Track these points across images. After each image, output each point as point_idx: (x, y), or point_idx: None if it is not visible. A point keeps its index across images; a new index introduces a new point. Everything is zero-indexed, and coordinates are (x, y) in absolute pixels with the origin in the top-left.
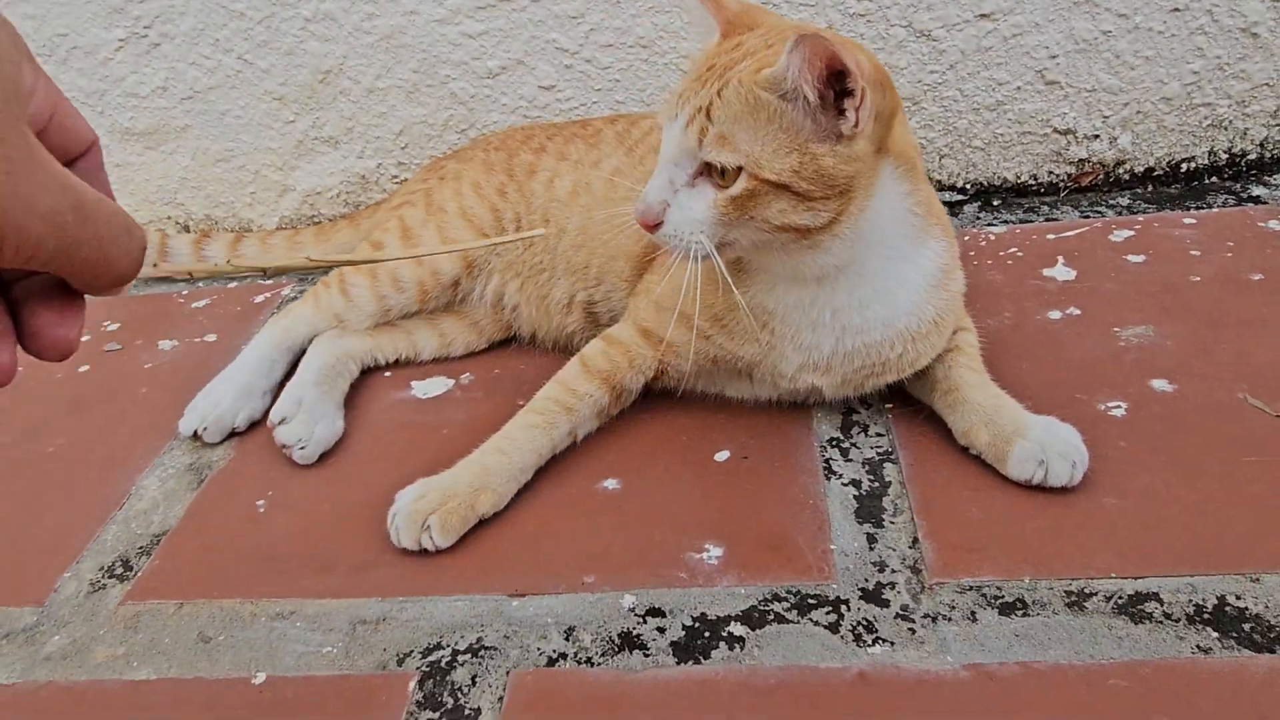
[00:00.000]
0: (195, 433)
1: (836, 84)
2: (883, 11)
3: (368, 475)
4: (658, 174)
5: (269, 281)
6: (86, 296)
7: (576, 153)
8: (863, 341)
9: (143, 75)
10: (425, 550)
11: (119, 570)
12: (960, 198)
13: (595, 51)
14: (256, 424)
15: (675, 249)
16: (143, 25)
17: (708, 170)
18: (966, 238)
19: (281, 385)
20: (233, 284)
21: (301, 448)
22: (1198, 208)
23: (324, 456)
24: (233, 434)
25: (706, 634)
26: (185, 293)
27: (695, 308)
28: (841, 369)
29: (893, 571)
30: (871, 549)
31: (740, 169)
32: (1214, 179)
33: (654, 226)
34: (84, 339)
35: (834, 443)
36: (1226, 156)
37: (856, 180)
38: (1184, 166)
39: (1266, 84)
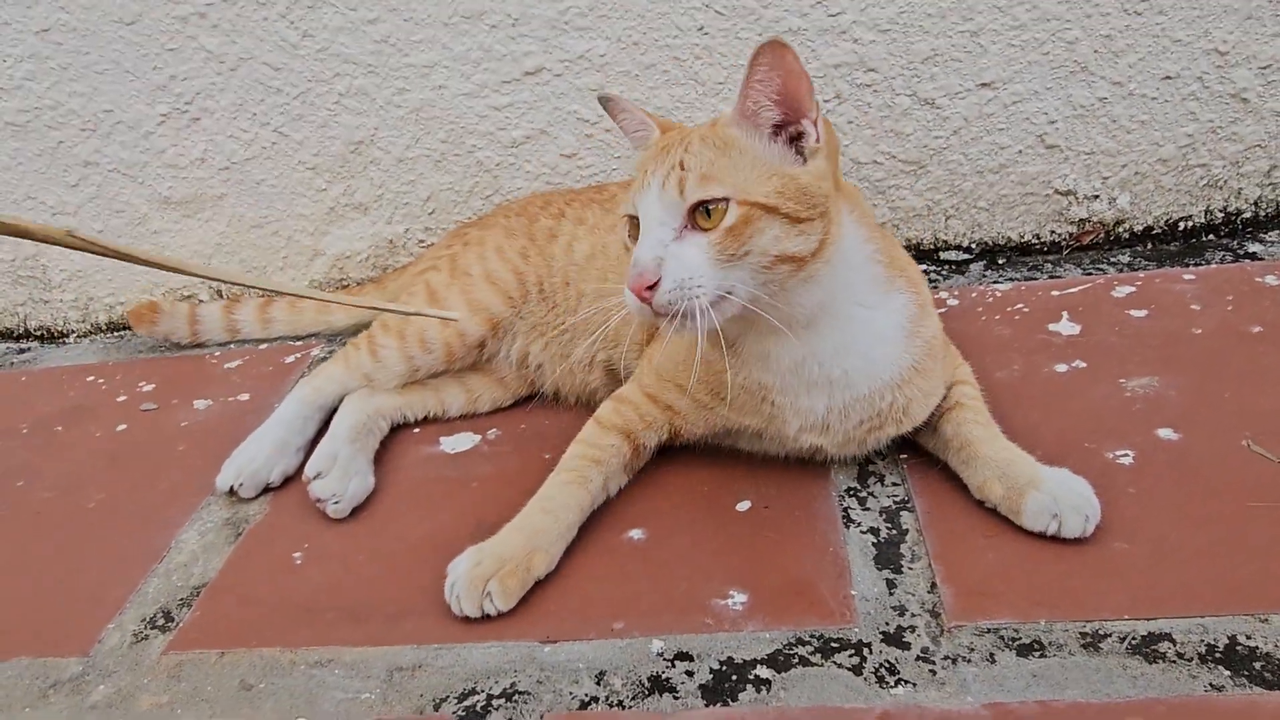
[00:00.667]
0: (231, 488)
1: (789, 111)
2: (888, 82)
3: (400, 528)
4: (644, 238)
5: (298, 343)
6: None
7: (593, 217)
8: (852, 396)
9: (183, 148)
10: (488, 615)
11: (161, 621)
12: (966, 257)
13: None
14: (290, 479)
15: (675, 308)
16: (184, 101)
17: (692, 221)
18: (973, 294)
19: (314, 442)
20: (264, 345)
21: (335, 502)
22: (1196, 264)
23: (357, 510)
24: (267, 489)
25: (734, 677)
26: (218, 354)
27: (691, 380)
28: (840, 427)
29: (913, 615)
30: (891, 594)
31: (727, 200)
32: (1211, 236)
33: (651, 288)
34: (120, 399)
35: (852, 492)
36: (1222, 215)
37: (829, 201)
38: (1182, 225)
39: (1258, 145)
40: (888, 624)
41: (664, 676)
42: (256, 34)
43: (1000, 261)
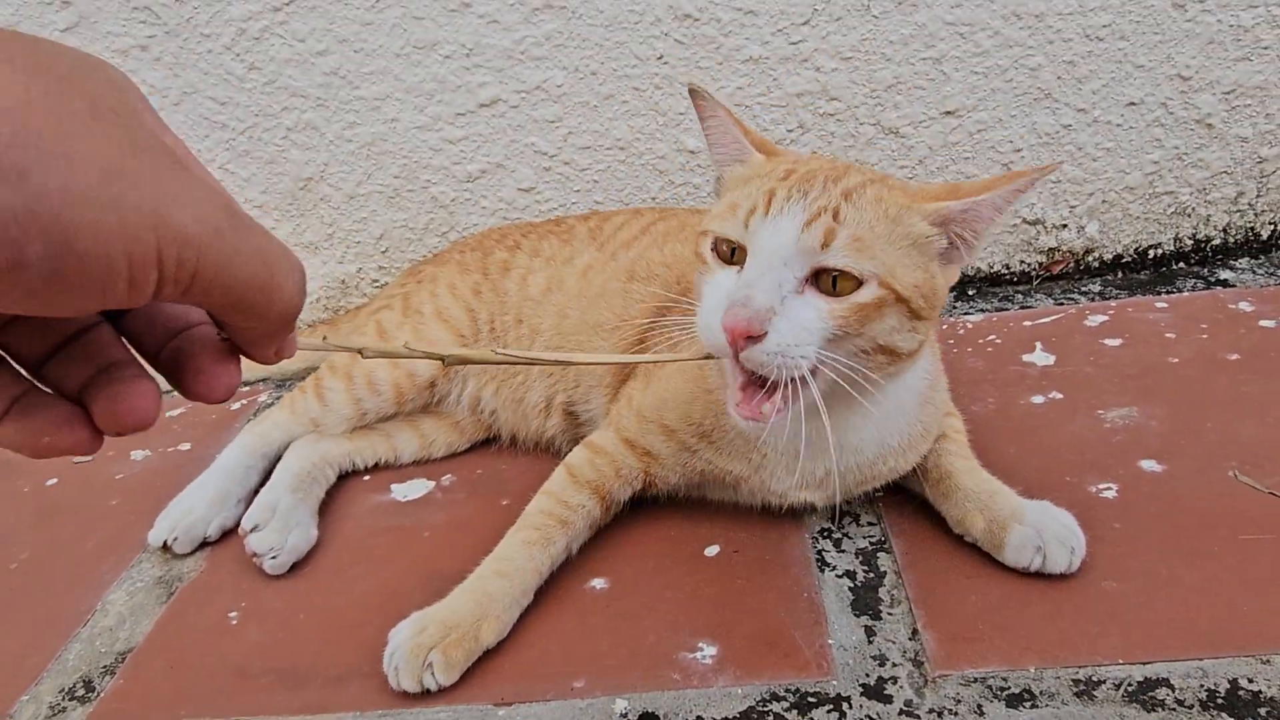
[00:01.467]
0: (165, 543)
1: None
2: (851, 111)
3: (344, 583)
4: (760, 276)
5: (245, 389)
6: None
7: (550, 249)
8: (856, 461)
9: None
10: (428, 691)
11: (80, 691)
12: None
13: (573, 154)
14: (230, 533)
15: (768, 371)
16: None
17: (814, 279)
18: (944, 326)
19: (257, 492)
20: None
21: (273, 557)
22: (1168, 292)
23: (299, 565)
24: (204, 544)
25: None
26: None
27: (677, 422)
28: (833, 485)
29: (894, 665)
30: (870, 642)
31: (869, 278)
32: (1181, 264)
33: (751, 338)
34: None
35: (825, 534)
36: (1192, 242)
37: (941, 304)
38: (1151, 253)
39: (1225, 171)
40: (868, 675)
41: None
42: (201, 67)
43: (970, 293)
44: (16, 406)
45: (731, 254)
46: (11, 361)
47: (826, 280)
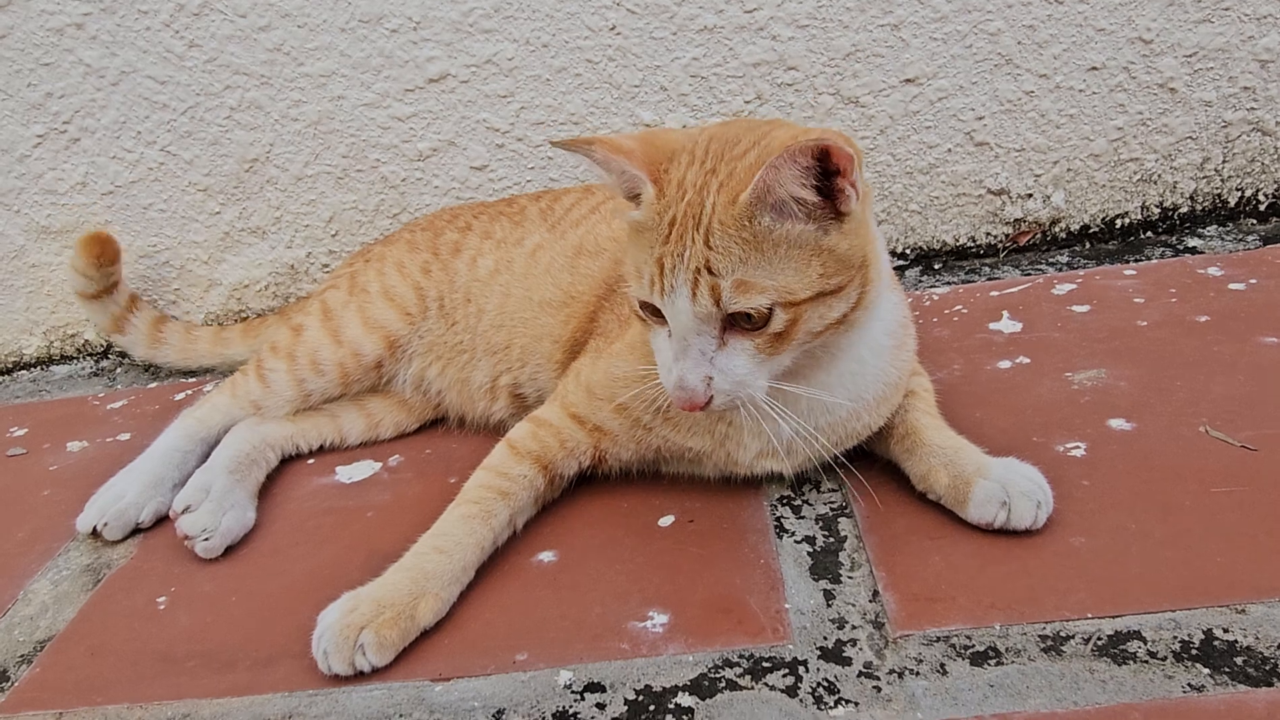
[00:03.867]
0: (95, 529)
1: (822, 173)
2: (809, 80)
3: (281, 564)
4: (684, 353)
5: (192, 380)
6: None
7: (501, 231)
8: (828, 420)
9: (61, 171)
10: (361, 673)
11: None
12: (901, 263)
13: (527, 130)
14: (165, 519)
15: (728, 408)
16: (62, 120)
17: (731, 323)
18: (909, 300)
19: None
20: (153, 384)
21: (205, 539)
22: (1136, 260)
23: (236, 548)
24: (137, 530)
25: (651, 707)
26: (101, 395)
27: (631, 400)
28: (804, 450)
29: (853, 628)
30: (829, 606)
31: (769, 308)
32: (1149, 234)
33: (703, 407)
34: None
35: (784, 500)
36: (1159, 211)
37: (866, 247)
38: (1119, 222)
39: (1189, 137)
40: (826, 638)
41: (571, 711)
42: (139, 45)
43: (936, 266)
44: None
45: (659, 312)
46: None
47: (742, 318)
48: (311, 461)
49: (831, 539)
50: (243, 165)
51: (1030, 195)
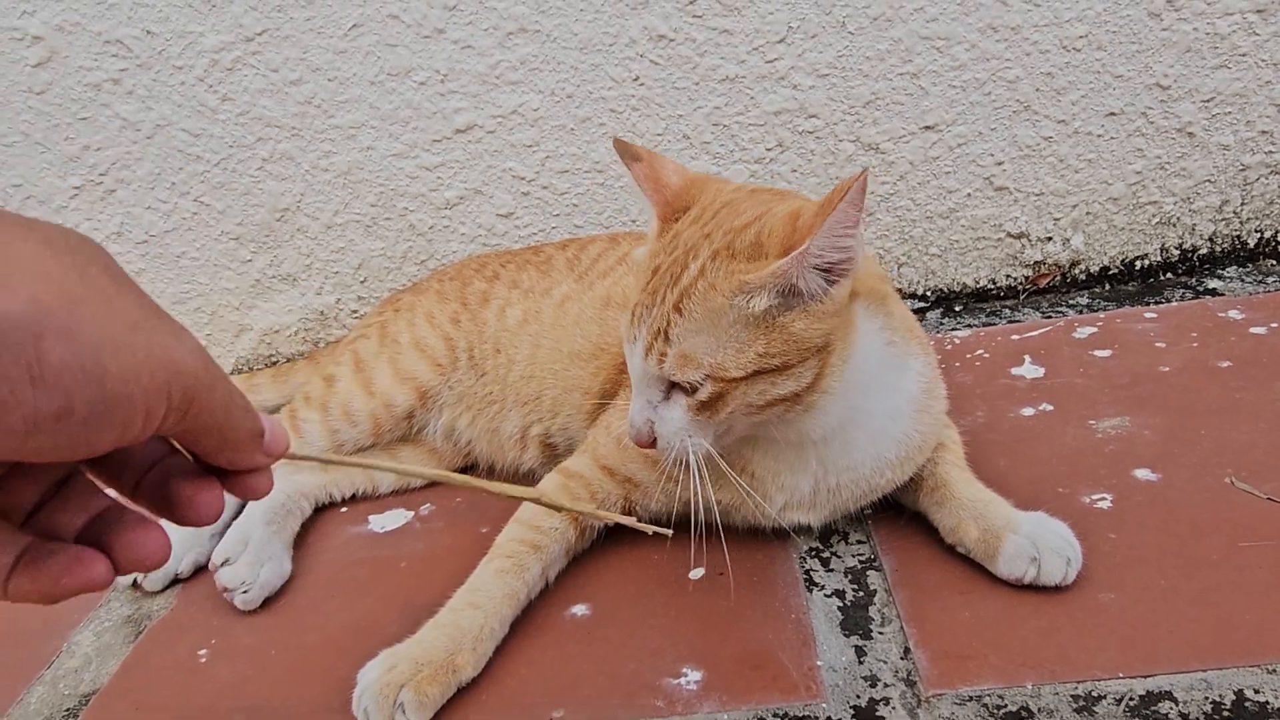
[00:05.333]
0: (135, 580)
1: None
2: (830, 128)
3: (319, 617)
4: (635, 397)
5: None
6: None
7: (529, 280)
8: (851, 478)
9: (97, 221)
10: None
11: None
12: (922, 305)
13: (552, 178)
14: (202, 569)
15: (675, 456)
16: (98, 172)
17: (675, 383)
18: (931, 342)
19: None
20: None
21: (244, 592)
22: (1157, 303)
23: (273, 599)
24: (176, 580)
25: None
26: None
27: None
28: (829, 503)
29: (885, 686)
30: (861, 662)
31: (700, 381)
32: (1169, 275)
33: (650, 444)
34: None
35: (813, 553)
36: (1178, 252)
37: (833, 334)
38: (1138, 264)
39: (1208, 180)
40: (859, 696)
41: None
42: (174, 99)
43: (957, 308)
44: (25, 559)
45: None
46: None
47: (684, 383)
48: (345, 510)
49: (861, 593)
50: (274, 214)
51: (1050, 238)
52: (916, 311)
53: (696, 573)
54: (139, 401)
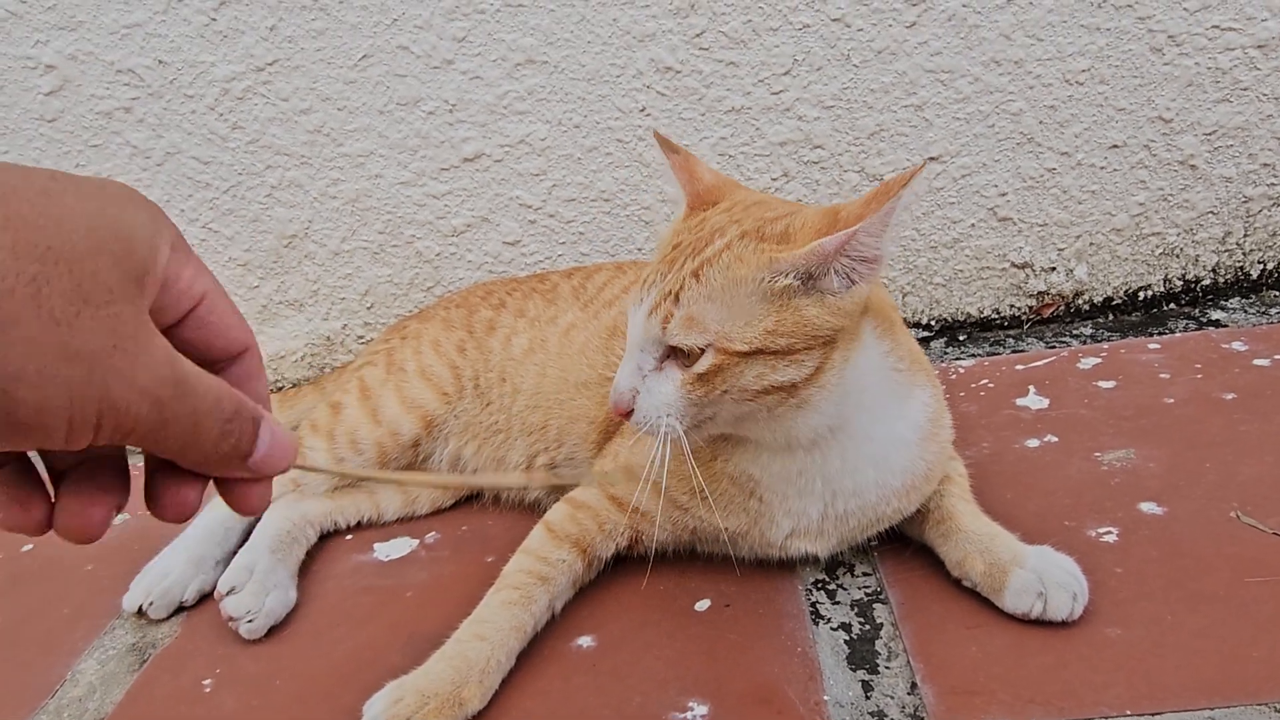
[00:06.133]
0: (140, 609)
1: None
2: (835, 158)
3: (323, 646)
4: (625, 361)
5: None
6: None
7: (534, 309)
8: (857, 504)
9: None
10: None
11: None
12: (927, 334)
13: (559, 206)
14: (207, 597)
15: (648, 429)
16: None
17: (673, 352)
18: (935, 372)
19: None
20: None
21: (249, 621)
22: (1160, 333)
23: (278, 628)
24: (181, 609)
25: None
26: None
27: (666, 478)
28: (836, 532)
29: None
30: (868, 698)
31: (703, 348)
32: (1172, 305)
33: (627, 414)
34: None
35: (819, 585)
36: (1182, 283)
37: (841, 332)
38: (1141, 295)
39: (1211, 212)
40: None
41: None
42: (184, 128)
43: (961, 338)
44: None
45: None
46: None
47: (680, 353)
48: (350, 538)
49: (868, 626)
50: (282, 241)
51: (1053, 269)
52: (921, 340)
53: (702, 604)
54: (56, 432)
